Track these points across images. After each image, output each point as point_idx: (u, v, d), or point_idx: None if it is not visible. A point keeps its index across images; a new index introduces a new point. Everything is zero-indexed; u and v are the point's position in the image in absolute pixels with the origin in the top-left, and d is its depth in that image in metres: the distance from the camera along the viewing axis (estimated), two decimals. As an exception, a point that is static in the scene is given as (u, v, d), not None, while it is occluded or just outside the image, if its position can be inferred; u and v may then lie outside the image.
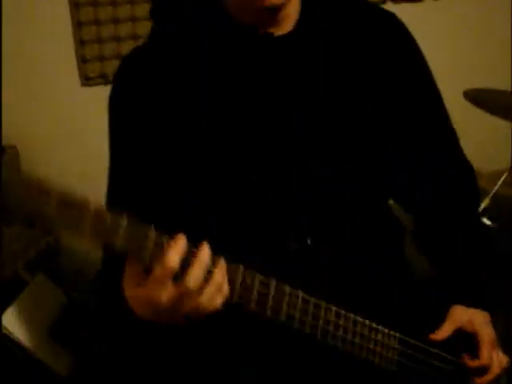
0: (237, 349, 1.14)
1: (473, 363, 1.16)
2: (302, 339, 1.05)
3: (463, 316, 1.18)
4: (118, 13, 2.03)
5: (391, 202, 1.32)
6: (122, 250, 0.86)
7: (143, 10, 2.03)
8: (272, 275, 1.01)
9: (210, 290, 0.91)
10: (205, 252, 0.91)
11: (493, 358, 1.17)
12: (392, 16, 1.24)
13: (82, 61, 2.07)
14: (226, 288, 0.93)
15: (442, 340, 1.16)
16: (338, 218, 1.14)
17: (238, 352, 1.14)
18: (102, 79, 2.09)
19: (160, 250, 0.88)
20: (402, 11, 1.52)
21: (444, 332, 1.16)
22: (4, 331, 1.36)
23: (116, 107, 1.18)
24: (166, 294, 0.90)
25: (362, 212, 1.18)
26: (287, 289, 1.01)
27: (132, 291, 0.94)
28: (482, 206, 1.81)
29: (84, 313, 1.59)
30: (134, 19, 2.04)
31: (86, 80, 2.08)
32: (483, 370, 1.16)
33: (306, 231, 1.11)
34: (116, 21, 2.04)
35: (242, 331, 1.11)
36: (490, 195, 1.84)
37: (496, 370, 1.17)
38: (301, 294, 1.03)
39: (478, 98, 2.00)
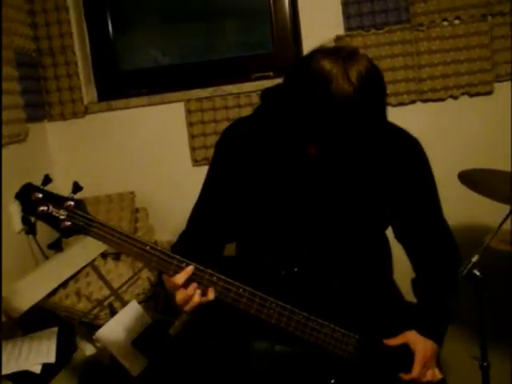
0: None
1: (405, 377, 1.39)
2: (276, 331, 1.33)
3: (412, 338, 1.41)
4: (217, 115, 2.41)
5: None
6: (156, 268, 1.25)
7: (234, 113, 2.41)
8: (272, 290, 1.31)
9: (193, 301, 1.25)
10: (192, 288, 1.24)
11: (421, 374, 1.39)
12: (414, 140, 1.44)
13: (193, 149, 2.47)
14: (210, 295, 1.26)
15: (391, 346, 1.40)
16: (327, 256, 1.40)
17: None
18: (206, 161, 2.46)
19: (179, 269, 1.24)
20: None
21: (393, 341, 1.40)
22: (97, 343, 1.76)
23: (214, 156, 1.47)
24: (178, 295, 1.26)
25: (349, 252, 1.41)
26: (269, 298, 1.30)
27: (166, 284, 1.30)
28: (473, 260, 1.72)
29: (162, 331, 1.96)
30: (228, 119, 2.40)
31: (195, 162, 2.47)
32: (413, 381, 1.39)
33: (296, 264, 1.40)
34: (216, 121, 2.42)
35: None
36: (480, 251, 1.74)
37: (423, 380, 1.39)
38: (280, 303, 1.31)
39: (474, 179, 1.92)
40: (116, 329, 1.85)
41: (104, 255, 2.25)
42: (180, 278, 1.24)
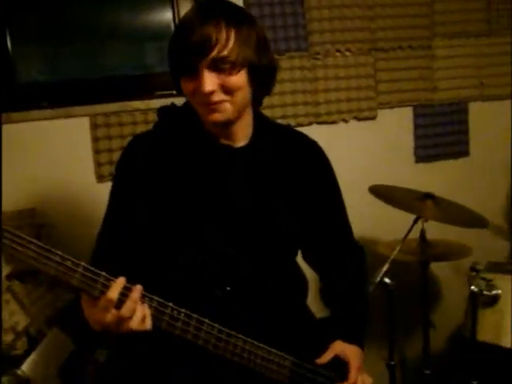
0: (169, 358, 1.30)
1: None
2: (214, 357, 1.20)
3: (340, 348, 1.38)
4: (124, 131, 2.29)
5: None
6: (77, 288, 1.03)
7: (142, 129, 2.26)
8: (203, 312, 1.17)
9: (137, 317, 1.08)
10: (136, 292, 1.09)
11: (357, 379, 1.37)
12: (313, 143, 1.45)
13: (98, 165, 2.31)
14: (149, 318, 1.10)
15: (324, 363, 1.36)
16: (253, 275, 1.32)
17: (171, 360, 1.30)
18: (111, 177, 2.26)
19: (106, 288, 1.06)
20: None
21: (325, 358, 1.36)
22: (23, 375, 1.59)
23: (116, 176, 1.36)
24: (108, 317, 1.07)
25: (271, 271, 1.36)
26: (206, 320, 1.17)
27: (87, 311, 1.11)
28: (384, 269, 1.92)
29: (87, 357, 1.80)
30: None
31: (100, 178, 2.32)
32: None
33: (228, 283, 1.29)
34: (123, 136, 2.28)
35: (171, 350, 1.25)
36: (389, 261, 1.94)
37: None
38: (217, 325, 1.18)
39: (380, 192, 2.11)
40: (41, 360, 1.69)
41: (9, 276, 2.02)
42: (113, 291, 1.06)
